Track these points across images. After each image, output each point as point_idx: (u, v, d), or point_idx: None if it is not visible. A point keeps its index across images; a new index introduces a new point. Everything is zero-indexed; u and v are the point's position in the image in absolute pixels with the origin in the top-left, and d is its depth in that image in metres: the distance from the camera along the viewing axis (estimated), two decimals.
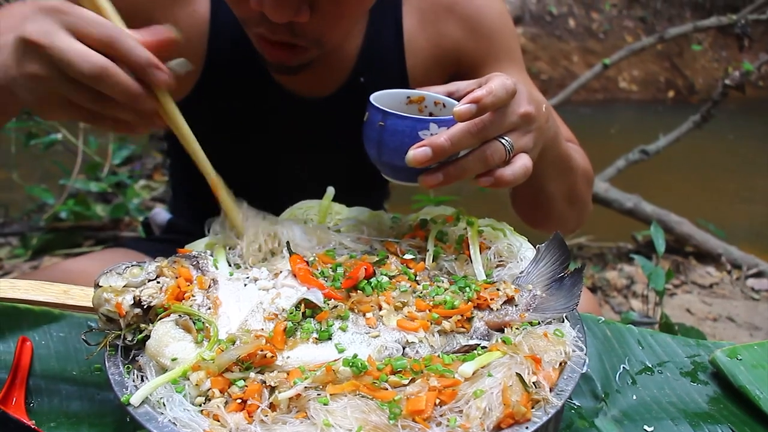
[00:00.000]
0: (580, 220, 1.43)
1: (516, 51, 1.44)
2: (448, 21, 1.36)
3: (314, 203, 1.15)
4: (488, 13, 1.38)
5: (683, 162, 5.21)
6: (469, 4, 1.36)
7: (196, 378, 0.79)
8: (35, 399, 0.95)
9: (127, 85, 0.88)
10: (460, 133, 0.96)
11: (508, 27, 1.42)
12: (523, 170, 1.00)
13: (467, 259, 1.02)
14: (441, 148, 0.95)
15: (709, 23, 4.52)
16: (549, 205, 1.30)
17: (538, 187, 1.23)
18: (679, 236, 3.71)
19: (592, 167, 1.40)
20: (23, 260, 3.26)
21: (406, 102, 1.11)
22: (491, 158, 0.98)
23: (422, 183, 1.00)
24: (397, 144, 0.99)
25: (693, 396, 1.03)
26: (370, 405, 0.75)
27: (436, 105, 1.10)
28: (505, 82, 0.97)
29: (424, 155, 0.96)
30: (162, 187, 4.03)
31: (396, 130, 1.00)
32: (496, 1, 1.41)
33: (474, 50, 1.38)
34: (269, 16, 1.03)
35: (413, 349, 0.86)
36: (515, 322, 0.90)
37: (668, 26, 7.49)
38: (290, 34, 1.09)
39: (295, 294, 0.90)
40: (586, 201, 1.40)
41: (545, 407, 0.78)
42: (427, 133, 0.98)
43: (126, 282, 0.90)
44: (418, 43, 1.37)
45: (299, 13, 1.03)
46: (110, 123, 0.95)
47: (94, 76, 0.86)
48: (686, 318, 3.04)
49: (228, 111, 1.37)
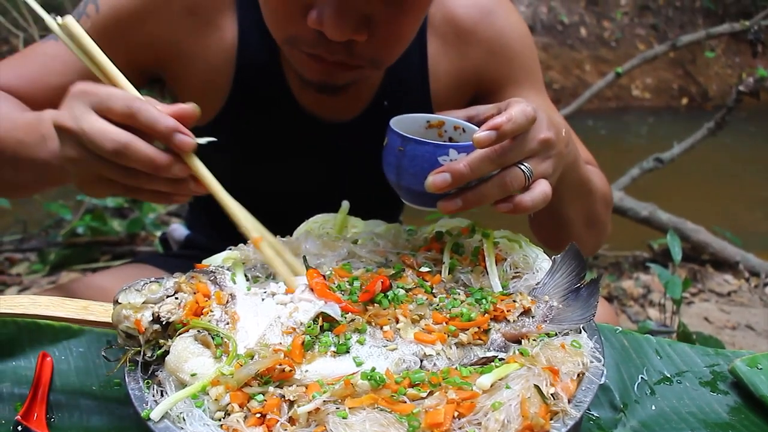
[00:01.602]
0: (599, 242, 1.43)
1: (536, 72, 1.44)
2: (470, 44, 1.36)
3: (330, 217, 1.16)
4: (509, 35, 1.38)
5: (698, 169, 5.18)
6: (490, 26, 1.36)
7: (215, 393, 0.79)
8: (56, 414, 0.95)
9: (149, 156, 0.90)
10: (479, 160, 0.96)
11: (528, 49, 1.42)
12: (543, 196, 1.00)
13: (483, 271, 1.02)
14: (460, 174, 0.96)
15: (722, 30, 4.50)
16: (568, 228, 1.30)
17: (556, 210, 1.22)
18: (696, 244, 3.69)
19: (608, 183, 1.40)
20: (41, 275, 3.28)
21: (426, 126, 1.12)
22: (510, 184, 0.98)
23: (441, 209, 1.00)
24: (416, 169, 1.00)
25: (713, 406, 1.02)
26: (389, 418, 0.75)
27: (455, 129, 1.11)
28: (525, 109, 0.97)
29: (443, 181, 0.96)
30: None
31: (415, 156, 1.00)
32: (518, 23, 1.40)
33: (494, 73, 1.38)
34: (329, 35, 1.02)
35: (431, 361, 0.86)
36: (532, 333, 0.90)
37: (680, 33, 7.47)
38: (347, 53, 1.08)
39: (312, 308, 0.90)
40: (604, 224, 1.40)
41: (564, 419, 0.78)
42: (447, 158, 0.99)
43: (145, 298, 0.91)
44: (441, 66, 1.37)
45: (358, 32, 1.03)
46: (148, 195, 0.97)
47: (116, 152, 0.89)
48: (704, 327, 3.01)
49: (251, 135, 1.38)
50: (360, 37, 1.04)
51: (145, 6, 1.23)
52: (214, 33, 1.29)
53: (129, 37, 1.25)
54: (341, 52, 1.08)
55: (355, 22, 1.02)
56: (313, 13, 1.02)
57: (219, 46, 1.30)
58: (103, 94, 0.91)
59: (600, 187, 1.32)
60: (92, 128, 0.89)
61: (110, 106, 0.90)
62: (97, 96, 0.91)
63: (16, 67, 1.28)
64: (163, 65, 1.31)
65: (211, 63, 1.30)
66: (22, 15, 3.81)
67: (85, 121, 0.89)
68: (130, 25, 1.24)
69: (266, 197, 1.26)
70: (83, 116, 0.90)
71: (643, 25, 8.67)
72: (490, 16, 1.36)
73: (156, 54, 1.27)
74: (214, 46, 1.30)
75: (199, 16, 1.27)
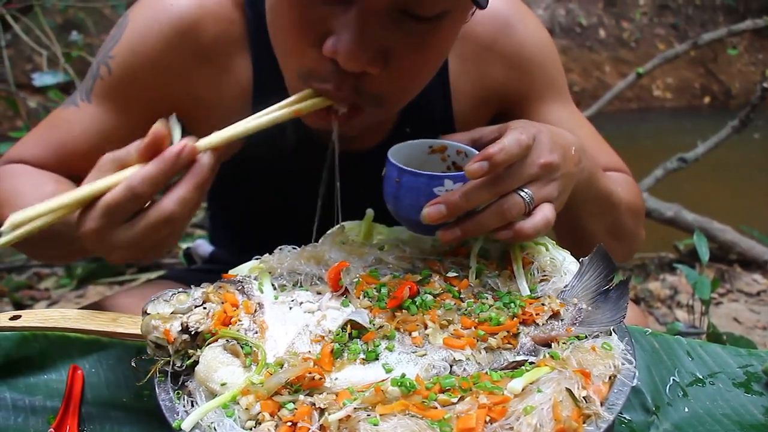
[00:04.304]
0: (629, 253, 1.40)
1: (560, 81, 1.40)
2: (489, 60, 1.33)
3: (355, 224, 1.15)
4: (529, 47, 1.34)
5: (722, 168, 5.13)
6: (508, 40, 1.32)
7: (245, 402, 0.79)
8: (88, 426, 0.96)
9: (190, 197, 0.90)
10: (474, 190, 0.96)
11: (550, 58, 1.38)
12: (544, 222, 0.99)
13: (510, 274, 1.01)
14: (455, 205, 0.96)
15: (744, 26, 4.47)
16: (591, 241, 1.27)
17: (576, 225, 1.21)
18: (723, 244, 3.64)
19: (639, 190, 1.37)
20: (69, 290, 3.32)
21: (429, 152, 1.12)
22: (509, 212, 0.97)
23: (440, 238, 1.00)
24: (412, 200, 1.00)
25: (748, 407, 1.01)
26: (421, 424, 0.75)
27: (458, 154, 1.11)
28: (519, 138, 0.96)
29: (437, 213, 0.96)
30: (201, 213, 4.06)
31: (411, 187, 1.00)
32: (538, 33, 1.37)
33: (517, 87, 1.35)
34: (343, 63, 0.98)
35: (460, 366, 0.86)
36: (562, 336, 0.90)
37: (701, 32, 7.41)
38: (354, 91, 1.04)
39: (340, 315, 0.91)
40: (633, 234, 1.36)
41: (597, 422, 0.77)
42: (442, 189, 0.99)
43: (173, 309, 0.91)
44: (462, 87, 1.34)
45: (374, 63, 0.99)
46: None
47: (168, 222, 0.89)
48: (734, 327, 2.97)
49: (270, 170, 1.38)
50: (374, 70, 1.00)
51: (157, 62, 1.23)
52: (228, 77, 1.28)
53: (144, 93, 1.25)
54: (348, 89, 1.03)
55: (373, 52, 0.98)
56: (329, 41, 0.99)
57: (234, 88, 1.29)
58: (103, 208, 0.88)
59: (625, 197, 1.29)
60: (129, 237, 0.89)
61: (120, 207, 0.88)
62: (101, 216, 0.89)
63: (41, 139, 1.30)
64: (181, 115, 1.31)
65: (228, 106, 1.29)
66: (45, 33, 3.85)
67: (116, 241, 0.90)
68: (143, 83, 1.24)
69: (289, 224, 1.26)
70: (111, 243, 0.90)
71: (663, 24, 8.62)
72: (507, 29, 1.32)
73: (172, 106, 1.21)
74: (229, 89, 1.29)
75: (212, 63, 1.26)
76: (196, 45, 1.23)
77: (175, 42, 1.22)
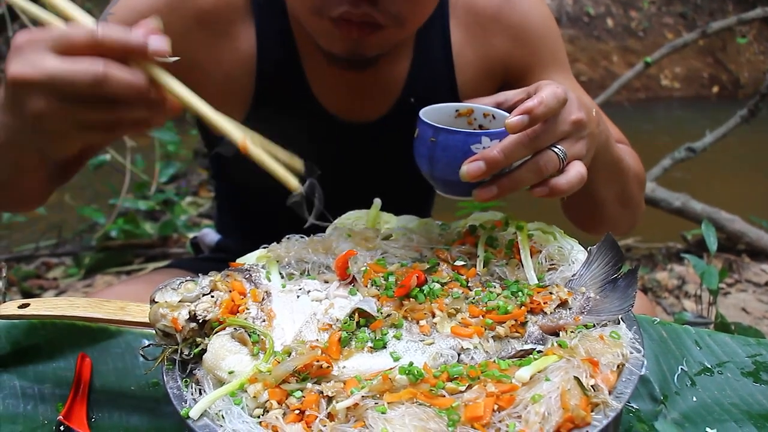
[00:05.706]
0: (633, 221, 1.41)
1: (561, 54, 1.43)
2: (494, 31, 1.36)
3: (362, 213, 1.16)
4: (533, 19, 1.37)
5: (731, 158, 5.09)
6: (513, 12, 1.35)
7: (253, 390, 0.79)
8: (96, 414, 0.97)
9: (129, 79, 0.82)
10: (512, 145, 0.95)
11: (553, 31, 1.41)
12: (578, 178, 0.99)
13: (518, 263, 1.01)
14: (494, 161, 0.95)
15: (753, 15, 4.44)
16: (602, 208, 1.29)
17: (590, 191, 1.21)
18: (731, 234, 3.63)
19: (641, 161, 1.38)
20: (77, 279, 3.33)
21: (455, 115, 1.11)
22: (545, 168, 0.97)
23: (476, 197, 0.99)
24: (449, 159, 0.99)
25: (756, 397, 1.00)
26: (428, 412, 0.75)
27: (485, 117, 1.10)
28: (555, 91, 0.96)
29: (477, 169, 0.95)
30: (208, 203, 4.08)
31: (448, 145, 0.99)
32: (541, 6, 1.40)
33: (520, 58, 1.37)
34: None
35: (468, 355, 0.86)
36: (570, 325, 0.89)
37: (710, 21, 7.36)
38: (372, 3, 1.07)
39: (348, 304, 0.91)
40: (638, 202, 1.38)
41: (605, 410, 0.77)
42: (480, 146, 0.98)
43: (181, 297, 0.91)
44: (466, 57, 1.36)
45: None
46: (127, 127, 0.90)
47: (96, 82, 0.80)
48: (742, 317, 2.97)
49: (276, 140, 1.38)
50: None
51: None
52: (229, 44, 1.29)
53: None
54: (366, 6, 1.06)
55: None
56: None
57: (235, 55, 1.30)
58: (56, 33, 0.82)
59: (633, 165, 1.30)
60: (60, 68, 0.80)
61: (70, 40, 0.81)
62: (50, 37, 0.81)
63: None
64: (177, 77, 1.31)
65: (229, 73, 1.30)
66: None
67: (49, 64, 0.80)
68: None
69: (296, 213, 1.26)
70: (44, 61, 0.80)
71: (671, 13, 8.56)
72: (511, 1, 1.35)
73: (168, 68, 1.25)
74: (230, 56, 1.30)
75: (212, 29, 1.27)
76: (196, 8, 1.25)
77: (175, 3, 1.23)
